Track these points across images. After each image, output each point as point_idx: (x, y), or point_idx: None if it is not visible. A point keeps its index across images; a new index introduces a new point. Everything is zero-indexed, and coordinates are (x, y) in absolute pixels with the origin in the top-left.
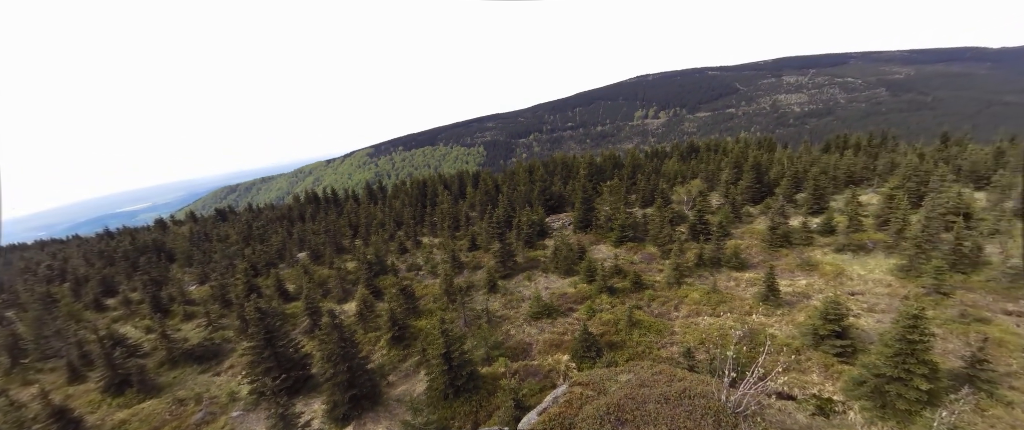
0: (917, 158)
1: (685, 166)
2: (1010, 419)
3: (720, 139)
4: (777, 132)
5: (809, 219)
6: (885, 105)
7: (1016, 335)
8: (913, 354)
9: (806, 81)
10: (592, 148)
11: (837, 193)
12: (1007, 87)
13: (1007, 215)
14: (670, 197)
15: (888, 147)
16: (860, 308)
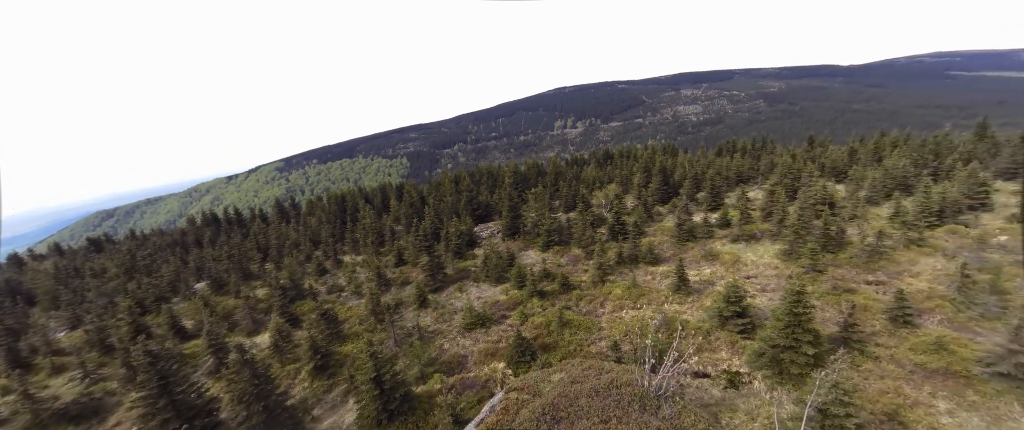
0: (790, 158)
1: (602, 172)
2: (878, 371)
3: (631, 146)
4: (678, 139)
5: (709, 215)
6: (764, 114)
7: (876, 301)
8: (799, 325)
9: (700, 94)
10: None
11: (730, 191)
12: (855, 97)
13: (861, 202)
14: (590, 201)
15: (768, 150)
16: (755, 289)
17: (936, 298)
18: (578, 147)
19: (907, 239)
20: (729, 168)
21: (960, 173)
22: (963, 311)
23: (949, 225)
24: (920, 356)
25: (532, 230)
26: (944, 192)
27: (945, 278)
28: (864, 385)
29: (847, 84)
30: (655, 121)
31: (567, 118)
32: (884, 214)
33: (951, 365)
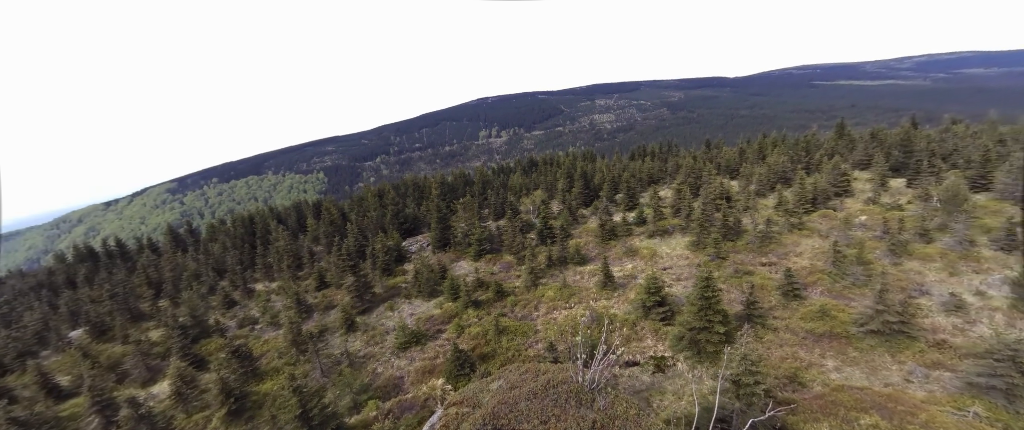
0: (692, 160)
1: (528, 179)
2: (778, 340)
3: (554, 154)
4: (596, 145)
5: (627, 214)
6: (668, 121)
7: (770, 279)
8: (710, 307)
9: (612, 104)
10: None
11: (644, 191)
12: (741, 105)
13: (751, 195)
14: (519, 208)
15: (673, 153)
16: (671, 279)
17: (817, 273)
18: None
19: (790, 224)
20: (641, 171)
21: (826, 166)
22: (838, 281)
23: (821, 210)
24: (809, 323)
25: (463, 240)
26: (815, 182)
27: (822, 255)
28: (767, 354)
29: (734, 93)
30: (574, 129)
31: (491, 128)
32: (770, 204)
33: (834, 328)
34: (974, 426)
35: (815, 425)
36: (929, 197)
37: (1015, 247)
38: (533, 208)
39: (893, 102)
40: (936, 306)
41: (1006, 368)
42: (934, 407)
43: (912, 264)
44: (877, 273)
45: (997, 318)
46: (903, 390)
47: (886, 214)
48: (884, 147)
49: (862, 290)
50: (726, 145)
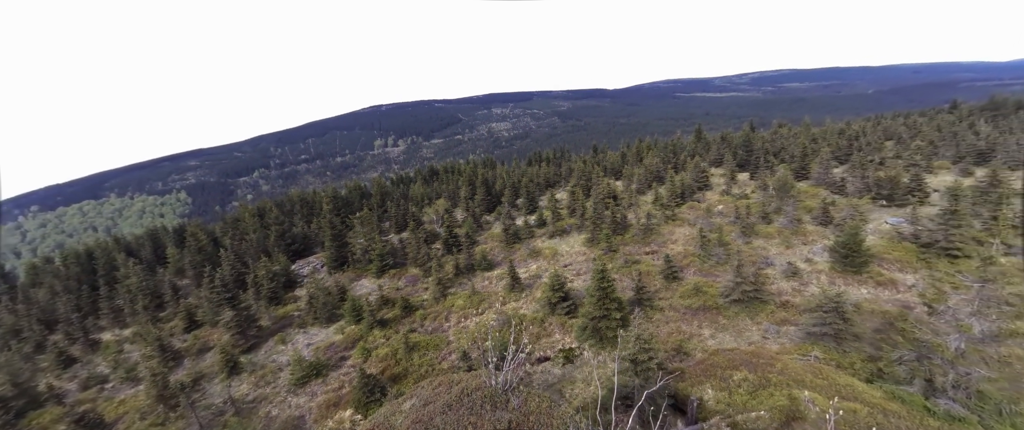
0: (582, 164)
1: (429, 188)
2: (664, 318)
3: (455, 162)
4: (495, 153)
5: (528, 217)
6: (559, 129)
7: (654, 266)
8: (607, 296)
9: (508, 112)
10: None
11: (542, 195)
12: (620, 114)
13: (633, 193)
14: (421, 219)
15: (566, 158)
16: (572, 275)
17: (689, 256)
18: (403, 165)
19: (665, 216)
20: (539, 175)
21: (689, 165)
22: (706, 262)
23: (688, 202)
24: (687, 300)
25: (363, 257)
26: (682, 179)
27: (692, 241)
28: (657, 331)
29: (614, 104)
30: (473, 137)
31: (387, 136)
32: (649, 200)
33: (706, 302)
34: (814, 366)
35: (700, 386)
36: (766, 186)
37: (829, 222)
38: (437, 218)
39: (736, 111)
40: (779, 274)
41: (832, 317)
42: (786, 356)
43: (759, 242)
44: (734, 252)
45: (822, 279)
46: (762, 346)
47: (737, 202)
48: (731, 147)
49: (724, 267)
50: (610, 150)
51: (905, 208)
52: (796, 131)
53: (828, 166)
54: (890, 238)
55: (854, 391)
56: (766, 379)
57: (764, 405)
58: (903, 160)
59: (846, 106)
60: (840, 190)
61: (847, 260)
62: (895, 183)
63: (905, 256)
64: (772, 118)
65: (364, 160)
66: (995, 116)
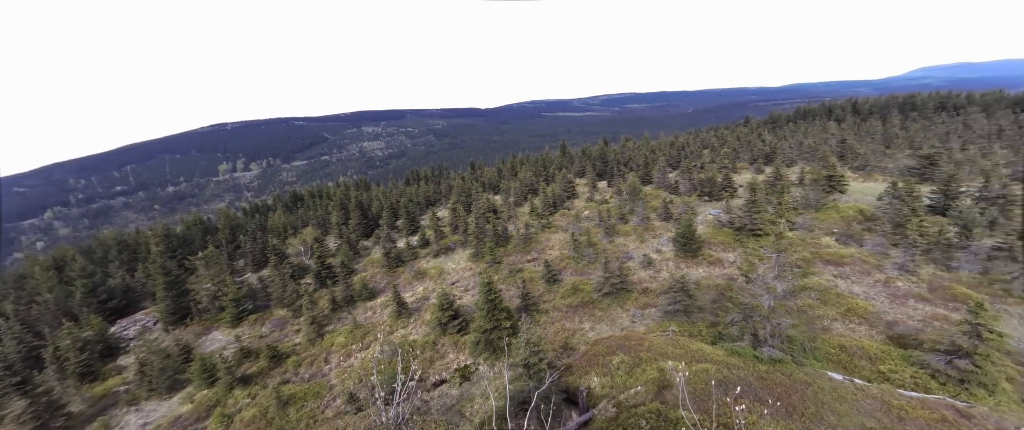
0: (461, 181)
1: (293, 216)
2: (549, 319)
3: (323, 185)
4: (369, 173)
5: (410, 238)
6: (435, 147)
7: (536, 272)
8: (495, 307)
9: (380, 131)
10: (165, 215)
11: (423, 214)
12: (493, 132)
13: (511, 206)
14: (285, 252)
15: (444, 176)
16: (461, 292)
17: (565, 259)
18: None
19: (541, 225)
20: (418, 194)
21: (558, 177)
22: (579, 262)
23: (560, 210)
24: (567, 299)
25: (211, 305)
26: (553, 190)
27: (566, 245)
28: (544, 332)
29: (487, 122)
30: (343, 158)
31: (235, 160)
32: (526, 211)
33: (583, 299)
34: (673, 339)
35: (586, 376)
36: (621, 192)
37: (669, 217)
38: (304, 249)
39: (592, 128)
40: (637, 265)
41: (680, 296)
42: (651, 335)
43: (620, 239)
44: (601, 251)
45: (670, 265)
46: (632, 329)
47: (599, 207)
48: (591, 160)
49: (595, 265)
50: (487, 166)
51: (721, 201)
52: (639, 144)
53: (664, 172)
54: (713, 226)
55: (704, 354)
56: (638, 358)
57: (639, 381)
58: (716, 164)
59: (673, 123)
60: (675, 190)
61: (686, 247)
62: (713, 182)
63: (725, 239)
64: (620, 134)
65: (205, 188)
66: (774, 127)
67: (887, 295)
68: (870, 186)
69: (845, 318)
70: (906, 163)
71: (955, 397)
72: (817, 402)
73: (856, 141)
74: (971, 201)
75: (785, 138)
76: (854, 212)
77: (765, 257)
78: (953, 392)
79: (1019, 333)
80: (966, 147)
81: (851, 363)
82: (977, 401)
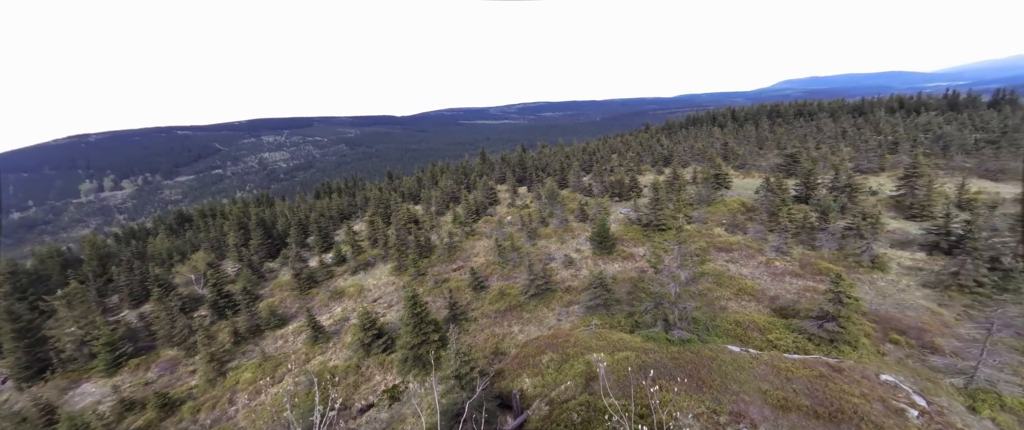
0: (379, 191)
1: (180, 240)
2: (479, 326)
3: (217, 203)
4: (272, 187)
5: (324, 256)
6: (348, 157)
7: (462, 281)
8: (422, 321)
9: (284, 140)
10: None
11: (337, 229)
12: (411, 140)
13: (433, 215)
14: (172, 282)
15: (360, 187)
16: (384, 308)
17: (491, 265)
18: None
19: (465, 233)
20: (331, 208)
21: (479, 184)
22: (505, 267)
23: (483, 217)
24: (495, 305)
25: (79, 352)
26: (475, 198)
27: (491, 251)
28: (475, 341)
29: (404, 130)
30: (239, 171)
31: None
32: (449, 220)
33: (511, 303)
34: (596, 332)
35: (518, 379)
36: (540, 196)
37: (586, 218)
38: (196, 276)
39: (510, 135)
40: (560, 265)
41: (600, 291)
42: (576, 331)
43: (542, 242)
44: (525, 254)
45: (589, 263)
46: (558, 327)
47: (521, 212)
48: (510, 166)
49: (519, 269)
50: (405, 175)
51: (630, 201)
52: (555, 151)
53: (579, 176)
54: (625, 224)
55: (624, 343)
56: (566, 354)
57: (569, 376)
58: (624, 167)
59: (584, 130)
60: (589, 193)
61: (602, 245)
62: (622, 184)
63: (635, 235)
64: (536, 141)
65: (63, 213)
66: (670, 133)
67: (768, 274)
68: (749, 182)
69: (738, 297)
70: (775, 161)
71: (828, 355)
72: (721, 374)
73: (736, 144)
74: (826, 191)
75: (679, 142)
76: (738, 205)
77: (669, 249)
78: (826, 351)
79: (870, 297)
80: (819, 146)
81: (746, 335)
82: (845, 356)
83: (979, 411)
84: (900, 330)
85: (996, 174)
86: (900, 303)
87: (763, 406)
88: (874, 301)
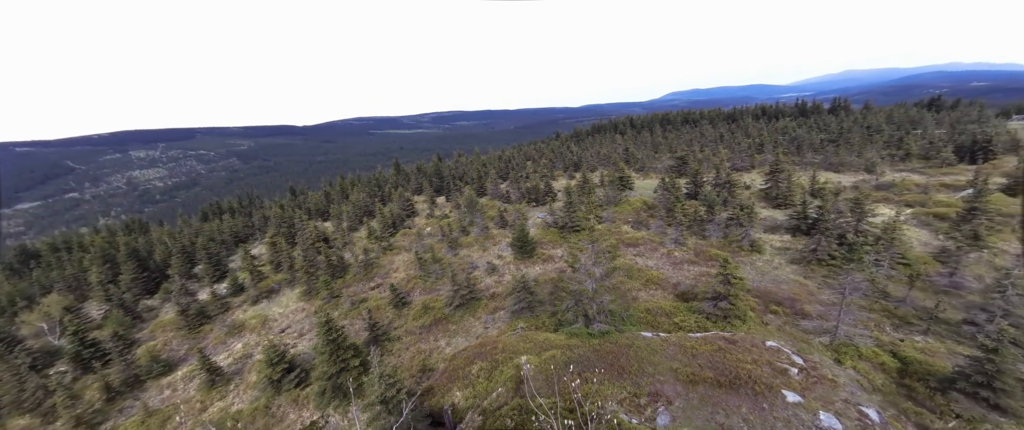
0: (280, 209)
1: (25, 282)
2: (403, 344)
3: (72, 233)
4: (147, 210)
5: (216, 286)
6: (241, 172)
7: (382, 299)
8: (340, 347)
9: (159, 155)
10: None
11: (232, 255)
12: (316, 152)
13: (346, 231)
14: (16, 333)
15: (257, 206)
16: (294, 338)
17: (412, 279)
18: None
19: (382, 248)
20: (222, 231)
21: (395, 196)
22: (427, 280)
23: (401, 230)
24: (419, 321)
25: None
26: (391, 210)
27: (411, 265)
28: (401, 360)
29: (307, 141)
30: (102, 193)
31: None
32: (363, 235)
33: (436, 316)
34: (523, 335)
35: (449, 394)
36: (459, 205)
37: (506, 224)
38: (50, 324)
39: (424, 145)
40: (483, 273)
41: (524, 294)
42: (503, 336)
43: (464, 251)
44: (447, 265)
45: (512, 268)
46: (486, 335)
47: (440, 223)
48: (427, 176)
49: (443, 280)
50: (312, 190)
51: (546, 205)
52: (471, 159)
53: (496, 183)
54: (542, 227)
55: (550, 342)
56: (495, 361)
57: (499, 383)
58: (538, 173)
59: (499, 138)
60: (507, 199)
61: (523, 250)
62: (537, 190)
63: (553, 237)
64: (452, 150)
65: None
66: (578, 140)
67: (670, 264)
68: (648, 182)
69: (646, 287)
70: (668, 163)
71: (723, 330)
72: (638, 359)
73: (635, 149)
74: (710, 187)
75: (587, 149)
76: (640, 204)
77: (584, 248)
78: (722, 327)
79: (752, 276)
80: (703, 149)
81: (656, 321)
82: (737, 329)
83: (843, 362)
84: (777, 302)
85: (838, 167)
86: (775, 279)
87: (676, 383)
88: (755, 279)
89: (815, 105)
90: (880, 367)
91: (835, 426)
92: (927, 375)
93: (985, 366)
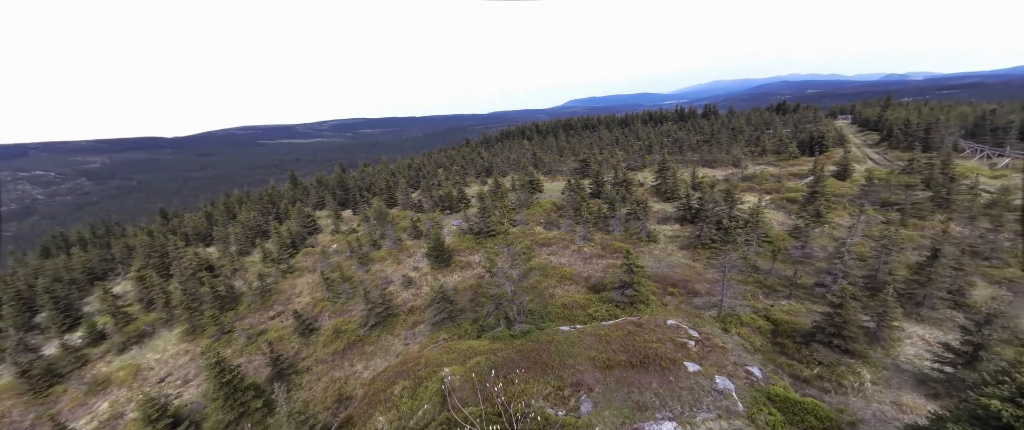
0: (148, 236)
1: None
2: (314, 375)
3: None
4: None
5: (67, 337)
6: (93, 194)
7: (284, 328)
8: (236, 389)
9: None
10: None
11: (86, 296)
12: (190, 166)
13: (235, 256)
14: None
15: (117, 234)
16: (177, 387)
17: (320, 302)
18: None
19: (281, 272)
20: (71, 268)
21: (293, 212)
22: (336, 302)
23: (303, 250)
24: (330, 347)
25: None
26: (289, 228)
27: (317, 287)
28: (313, 393)
29: (178, 154)
30: None
31: None
32: (257, 259)
33: (350, 339)
34: (445, 346)
35: (370, 420)
36: (368, 218)
37: (420, 235)
38: None
39: (324, 155)
40: (399, 287)
41: (443, 305)
42: (425, 350)
43: (376, 266)
44: (358, 283)
45: (429, 279)
46: (407, 352)
47: (347, 238)
48: (329, 189)
49: (355, 300)
50: (188, 212)
51: (460, 212)
52: (379, 169)
53: (407, 192)
54: (458, 234)
55: (473, 349)
56: (419, 377)
57: (424, 400)
58: (450, 180)
59: (408, 146)
60: (420, 209)
61: (439, 259)
62: (450, 197)
63: (469, 244)
64: (356, 159)
65: None
66: (488, 146)
67: (581, 259)
68: (556, 185)
69: (561, 283)
70: (573, 166)
71: (631, 315)
72: (559, 353)
73: (542, 153)
74: (610, 186)
75: (497, 154)
76: (550, 205)
77: (500, 252)
78: (629, 313)
79: (650, 263)
80: (602, 152)
81: (572, 315)
82: (642, 313)
83: (729, 330)
84: (673, 284)
85: (712, 163)
86: (670, 264)
87: (594, 371)
88: (653, 266)
89: (691, 110)
90: (758, 330)
91: (729, 386)
92: (793, 332)
93: (834, 319)
